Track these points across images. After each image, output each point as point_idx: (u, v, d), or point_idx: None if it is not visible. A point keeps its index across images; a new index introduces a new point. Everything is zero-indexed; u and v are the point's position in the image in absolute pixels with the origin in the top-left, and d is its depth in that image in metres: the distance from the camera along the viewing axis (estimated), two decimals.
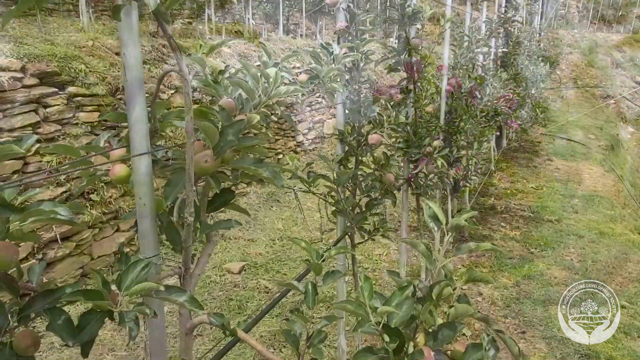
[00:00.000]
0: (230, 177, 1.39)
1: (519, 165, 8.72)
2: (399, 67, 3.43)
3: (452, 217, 1.32)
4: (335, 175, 2.32)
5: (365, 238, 2.59)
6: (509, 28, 6.31)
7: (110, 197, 4.23)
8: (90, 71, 4.35)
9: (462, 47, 4.78)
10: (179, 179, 1.23)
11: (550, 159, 9.46)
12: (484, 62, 6.48)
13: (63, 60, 4.15)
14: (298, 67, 7.85)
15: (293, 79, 1.98)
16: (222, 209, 1.40)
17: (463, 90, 4.59)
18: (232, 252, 4.84)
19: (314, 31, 13.15)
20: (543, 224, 5.81)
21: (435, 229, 1.31)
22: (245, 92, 1.47)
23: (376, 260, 4.86)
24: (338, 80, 2.00)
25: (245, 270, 4.53)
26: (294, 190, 2.25)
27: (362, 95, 2.41)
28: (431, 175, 3.52)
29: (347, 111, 2.41)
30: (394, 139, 3.50)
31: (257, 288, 4.22)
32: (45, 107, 3.93)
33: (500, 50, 7.76)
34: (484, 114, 5.17)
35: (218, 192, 1.29)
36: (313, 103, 8.68)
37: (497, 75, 5.08)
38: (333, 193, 2.37)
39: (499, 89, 4.88)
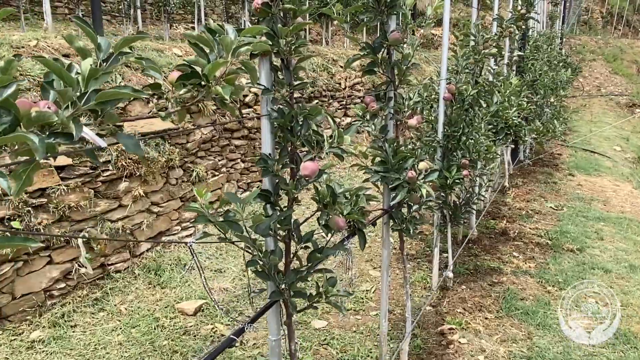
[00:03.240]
0: None
1: (537, 181, 7.87)
2: (374, 69, 2.71)
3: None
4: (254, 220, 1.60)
5: (304, 306, 1.85)
6: (522, 26, 5.51)
7: (40, 223, 3.56)
8: (21, 74, 3.70)
9: (464, 48, 4.02)
10: None
11: (571, 174, 8.59)
12: (496, 66, 5.71)
13: None
14: None
15: (164, 78, 1.27)
16: None
17: (465, 97, 3.84)
18: (193, 287, 4.13)
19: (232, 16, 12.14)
20: (562, 254, 4.98)
21: None
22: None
23: (362, 298, 4.10)
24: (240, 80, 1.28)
25: (202, 310, 3.81)
26: (188, 245, 1.53)
27: (296, 105, 1.68)
28: (415, 207, 2.77)
29: (275, 127, 1.68)
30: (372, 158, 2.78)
31: (211, 336, 3.50)
32: None
33: (515, 53, 6.97)
34: (490, 125, 4.40)
35: None
36: None
37: (505, 82, 4.30)
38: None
39: (508, 96, 4.11)
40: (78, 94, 0.97)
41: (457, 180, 3.76)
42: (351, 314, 3.89)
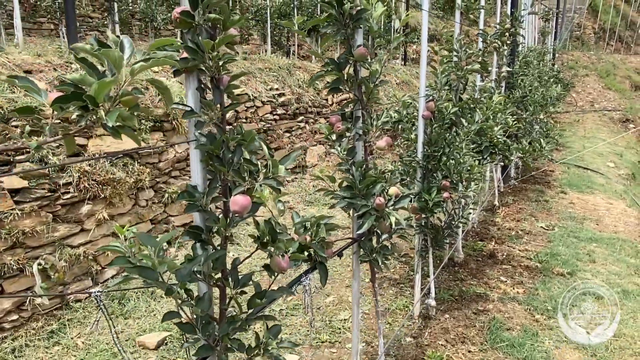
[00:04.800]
0: None
1: (528, 200, 7.66)
2: (339, 87, 2.50)
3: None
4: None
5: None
6: (507, 42, 5.33)
7: None
8: None
9: (444, 64, 3.83)
10: None
11: (564, 192, 8.38)
12: (483, 83, 5.53)
13: None
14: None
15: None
16: None
17: (445, 116, 3.64)
18: (159, 317, 3.87)
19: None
20: (552, 278, 4.75)
21: None
22: None
23: (339, 329, 3.85)
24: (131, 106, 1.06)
25: (165, 344, 3.55)
26: (93, 296, 1.30)
27: (230, 129, 1.46)
28: (384, 236, 2.54)
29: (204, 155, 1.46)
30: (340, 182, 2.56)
31: None
32: None
33: (504, 69, 6.80)
34: (475, 144, 4.20)
35: None
36: (293, 128, 7.77)
37: (488, 99, 4.10)
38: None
39: (492, 114, 3.91)
40: None
41: (437, 203, 3.54)
42: (326, 346, 3.64)
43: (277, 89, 7.45)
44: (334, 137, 2.57)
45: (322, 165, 8.03)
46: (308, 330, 3.82)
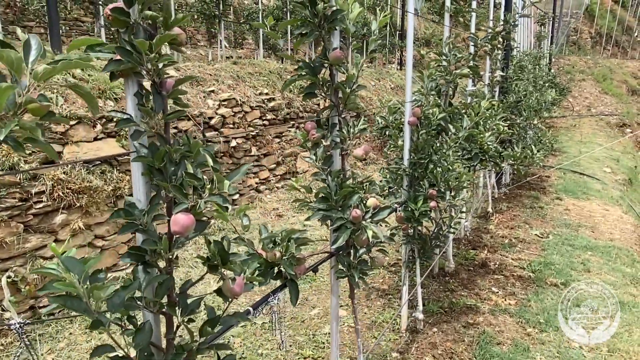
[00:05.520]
0: None
1: (522, 206, 7.52)
2: (314, 92, 2.36)
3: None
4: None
5: None
6: (498, 45, 5.20)
7: None
8: None
9: (431, 68, 3.69)
10: None
11: (559, 198, 8.24)
12: (474, 87, 5.40)
13: None
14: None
15: None
16: None
17: (431, 121, 3.50)
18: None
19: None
20: (546, 289, 4.60)
21: None
22: None
23: (322, 343, 3.70)
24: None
25: None
26: (12, 328, 1.15)
27: (175, 139, 1.31)
28: (362, 250, 2.39)
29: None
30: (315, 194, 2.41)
31: None
32: None
33: (497, 74, 6.68)
34: (464, 151, 4.06)
35: None
36: (284, 133, 7.63)
37: (475, 105, 3.97)
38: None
39: (482, 120, 3.77)
40: None
41: (424, 213, 3.40)
42: None
43: (267, 94, 7.31)
44: (309, 144, 2.44)
45: (314, 171, 7.89)
46: (290, 345, 3.67)
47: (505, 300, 4.37)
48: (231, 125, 6.24)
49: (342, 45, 2.34)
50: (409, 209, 3.42)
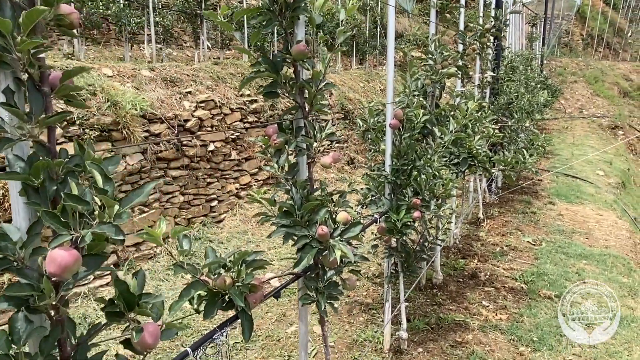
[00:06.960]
0: None
1: (514, 211, 7.25)
2: (276, 91, 2.06)
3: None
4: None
5: None
6: (487, 43, 4.94)
7: None
8: None
9: (414, 67, 3.41)
10: None
11: (552, 202, 7.99)
12: (463, 88, 5.12)
13: None
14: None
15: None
16: None
17: (415, 125, 3.22)
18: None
19: None
20: (539, 302, 4.32)
21: None
22: None
23: None
24: None
25: None
26: None
27: (64, 150, 1.01)
28: (330, 272, 2.10)
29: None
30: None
31: None
32: None
33: (488, 74, 6.42)
34: (452, 156, 3.78)
35: None
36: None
37: (461, 107, 3.69)
38: None
39: (465, 122, 3.49)
40: None
41: (406, 224, 3.11)
42: None
43: (248, 95, 7.01)
44: (272, 151, 2.15)
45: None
46: None
47: (496, 315, 4.09)
48: (209, 128, 5.93)
49: (308, 38, 2.05)
50: (391, 219, 3.13)
